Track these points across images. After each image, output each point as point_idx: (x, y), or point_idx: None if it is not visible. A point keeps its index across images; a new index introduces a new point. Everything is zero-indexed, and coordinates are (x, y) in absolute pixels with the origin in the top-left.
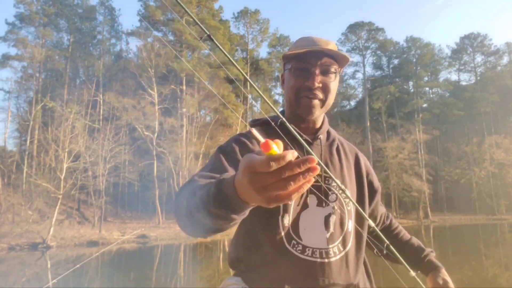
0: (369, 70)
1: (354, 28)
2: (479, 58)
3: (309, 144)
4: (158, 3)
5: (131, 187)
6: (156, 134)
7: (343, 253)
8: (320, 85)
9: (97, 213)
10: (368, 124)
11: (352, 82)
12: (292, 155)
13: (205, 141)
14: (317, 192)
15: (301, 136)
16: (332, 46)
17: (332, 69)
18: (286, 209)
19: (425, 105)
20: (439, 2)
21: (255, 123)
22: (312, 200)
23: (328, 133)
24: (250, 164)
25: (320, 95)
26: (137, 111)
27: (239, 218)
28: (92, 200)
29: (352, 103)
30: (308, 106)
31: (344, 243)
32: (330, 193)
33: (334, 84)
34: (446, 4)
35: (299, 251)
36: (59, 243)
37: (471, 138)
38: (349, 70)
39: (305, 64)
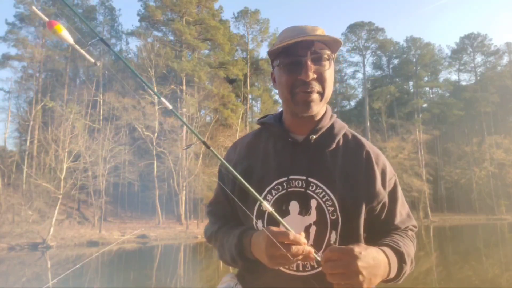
0: (369, 70)
1: (354, 28)
2: (479, 58)
3: (297, 145)
4: (158, 3)
5: (131, 187)
6: (156, 134)
7: (320, 268)
8: (315, 76)
9: (97, 213)
10: (368, 124)
11: (352, 82)
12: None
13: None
14: (298, 199)
15: (289, 137)
16: (320, 31)
17: (325, 56)
18: (259, 216)
19: (425, 105)
20: (440, 2)
21: (259, 121)
22: (293, 207)
23: (330, 130)
24: (273, 234)
25: (317, 87)
26: (137, 111)
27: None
28: (92, 200)
29: (352, 103)
30: (305, 102)
31: None
32: (313, 200)
33: (329, 72)
34: (446, 4)
35: None
36: (59, 243)
37: (471, 138)
38: (349, 70)
39: (294, 56)
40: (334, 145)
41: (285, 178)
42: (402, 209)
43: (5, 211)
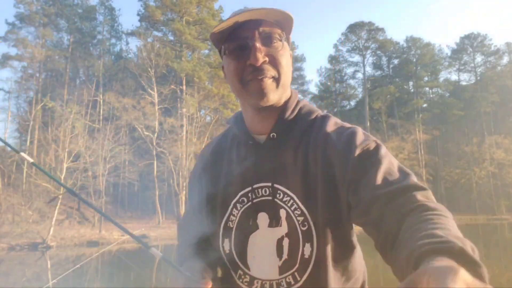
0: (369, 70)
1: (354, 28)
2: (479, 58)
3: (259, 147)
4: (158, 3)
5: (131, 187)
6: (156, 134)
7: (299, 284)
8: (267, 59)
9: (97, 213)
10: (368, 124)
11: (352, 82)
12: None
13: (205, 141)
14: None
15: (249, 139)
16: (269, 10)
17: (276, 36)
18: (226, 234)
19: (425, 105)
20: (440, 2)
21: (226, 121)
22: (262, 219)
23: (294, 122)
24: None
25: (270, 71)
26: (137, 111)
27: None
28: (92, 200)
29: (352, 103)
30: (258, 89)
31: (301, 271)
32: (282, 210)
33: (284, 54)
34: (446, 4)
35: (246, 284)
36: (59, 243)
37: (471, 138)
38: (349, 70)
39: (240, 40)
40: (299, 140)
41: (249, 188)
42: (388, 172)
43: (5, 211)
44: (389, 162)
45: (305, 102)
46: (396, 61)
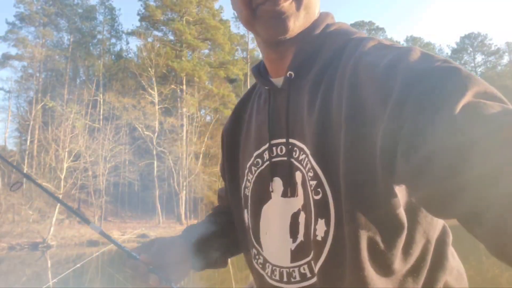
0: None
1: (354, 28)
2: (479, 58)
3: (277, 92)
4: (158, 2)
5: (131, 187)
6: (156, 134)
7: (315, 278)
8: None
9: (97, 213)
10: None
11: None
12: None
13: (205, 141)
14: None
15: (266, 84)
16: None
17: None
18: (245, 203)
19: None
20: (440, 3)
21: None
22: (276, 186)
23: (316, 53)
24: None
25: None
26: (137, 111)
27: None
28: (92, 199)
29: None
30: (272, 15)
31: (316, 260)
32: (298, 172)
33: None
34: (446, 4)
35: (260, 266)
36: (59, 243)
37: None
38: None
39: None
40: (322, 74)
41: (264, 147)
42: (471, 114)
43: (5, 210)
44: (476, 91)
45: (340, 25)
46: None
